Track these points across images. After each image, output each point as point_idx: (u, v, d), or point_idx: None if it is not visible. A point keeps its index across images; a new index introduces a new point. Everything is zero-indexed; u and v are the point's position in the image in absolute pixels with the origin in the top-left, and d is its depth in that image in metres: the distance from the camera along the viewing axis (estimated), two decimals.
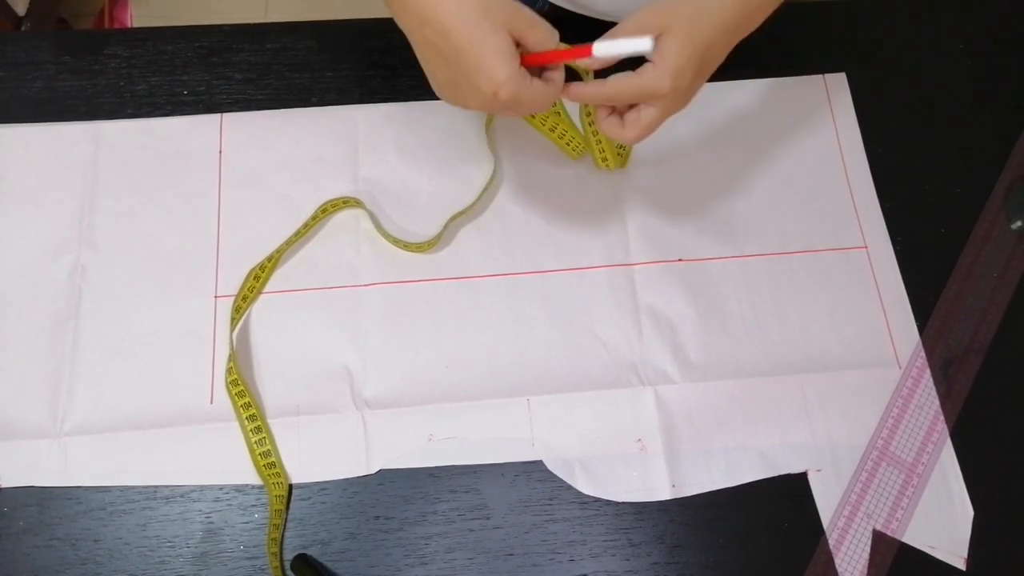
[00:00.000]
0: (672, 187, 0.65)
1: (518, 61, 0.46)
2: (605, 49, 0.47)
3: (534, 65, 0.48)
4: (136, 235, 0.61)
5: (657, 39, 0.47)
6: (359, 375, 0.58)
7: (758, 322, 0.61)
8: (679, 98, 0.50)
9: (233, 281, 0.59)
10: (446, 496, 0.55)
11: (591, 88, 0.50)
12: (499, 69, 0.45)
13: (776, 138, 0.67)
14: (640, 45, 0.46)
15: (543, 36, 0.47)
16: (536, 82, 0.47)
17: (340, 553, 0.54)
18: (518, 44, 0.47)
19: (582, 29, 0.69)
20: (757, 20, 0.50)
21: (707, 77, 0.51)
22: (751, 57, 0.70)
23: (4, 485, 0.54)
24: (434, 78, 0.49)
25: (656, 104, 0.49)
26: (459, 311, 0.60)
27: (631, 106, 0.50)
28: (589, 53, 0.47)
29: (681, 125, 0.67)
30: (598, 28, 0.69)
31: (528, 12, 0.47)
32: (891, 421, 0.58)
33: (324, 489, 0.55)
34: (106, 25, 1.56)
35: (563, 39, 0.54)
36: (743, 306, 0.61)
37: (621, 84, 0.48)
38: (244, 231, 0.62)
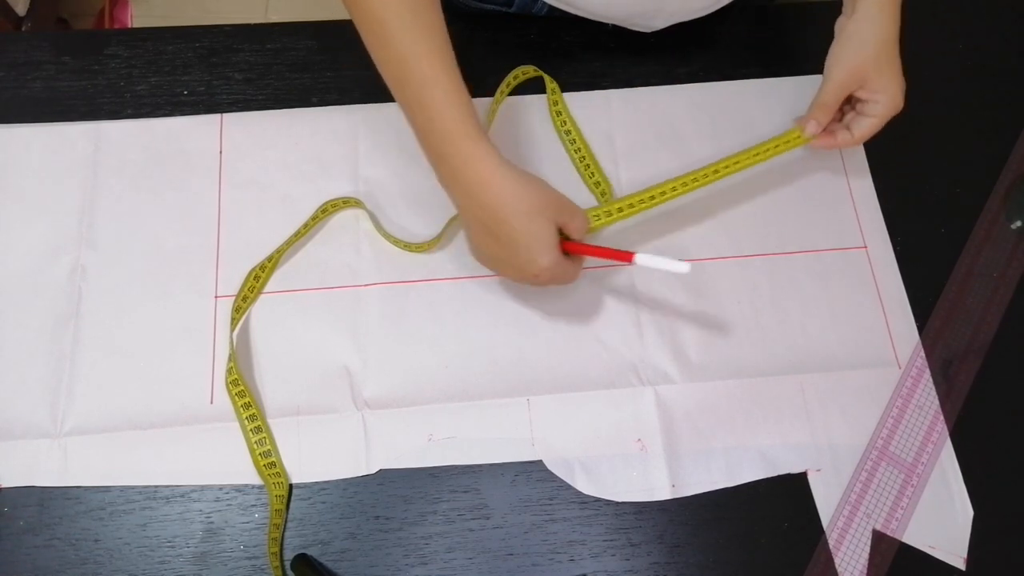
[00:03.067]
0: None
1: (559, 249, 0.52)
2: (645, 261, 0.53)
3: (571, 251, 0.54)
4: (136, 235, 0.61)
5: (863, 90, 0.59)
6: (359, 375, 0.58)
7: (758, 322, 0.61)
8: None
9: (233, 281, 0.59)
10: (446, 496, 0.55)
11: (842, 144, 0.62)
12: (545, 258, 0.51)
13: None
14: (679, 268, 0.51)
15: (581, 224, 0.54)
16: (567, 262, 0.54)
17: (340, 553, 0.54)
18: (560, 230, 0.53)
19: (580, 29, 0.69)
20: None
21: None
22: (751, 57, 0.71)
23: (4, 485, 0.54)
24: (477, 248, 0.55)
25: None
26: (459, 311, 0.60)
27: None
28: (630, 260, 0.53)
29: (681, 125, 0.67)
30: (596, 29, 0.70)
31: (569, 203, 0.53)
32: (891, 421, 0.58)
33: (324, 489, 0.55)
34: (106, 25, 1.55)
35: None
36: (743, 306, 0.61)
37: (869, 130, 0.60)
38: (244, 231, 0.62)
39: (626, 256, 0.53)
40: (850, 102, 0.62)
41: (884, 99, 0.59)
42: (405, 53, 0.49)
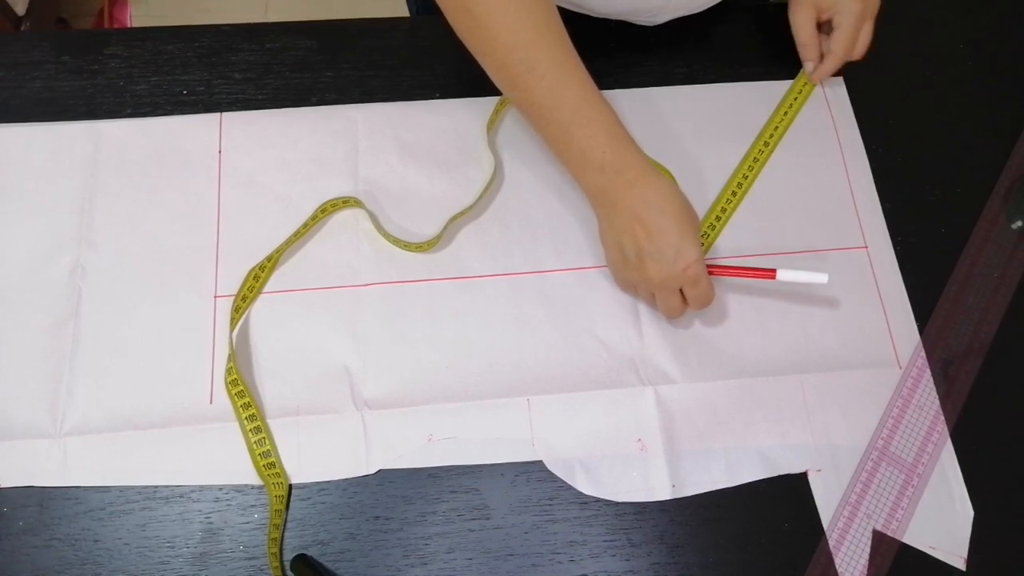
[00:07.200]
0: None
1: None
2: (787, 276, 0.57)
3: (712, 274, 0.57)
4: (136, 235, 0.61)
5: (825, 12, 0.64)
6: (359, 375, 0.58)
7: (758, 322, 0.61)
8: None
9: (233, 281, 0.59)
10: (446, 496, 0.55)
11: (832, 64, 0.66)
12: (696, 249, 0.55)
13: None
14: (817, 279, 0.57)
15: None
16: (707, 273, 0.57)
17: (340, 553, 0.54)
18: None
19: (580, 29, 0.69)
20: None
21: None
22: (750, 58, 0.71)
23: (4, 485, 0.54)
24: (622, 251, 0.57)
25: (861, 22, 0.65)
26: (459, 311, 0.60)
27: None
28: (773, 276, 0.58)
29: (681, 126, 0.67)
30: (595, 29, 0.69)
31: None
32: (891, 421, 0.58)
33: (324, 489, 0.55)
34: (106, 25, 1.56)
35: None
36: (743, 306, 0.61)
37: (844, 40, 0.64)
38: (244, 231, 0.62)
39: (769, 274, 0.57)
40: (824, 28, 0.67)
41: (844, 7, 0.64)
42: (586, 95, 0.56)
